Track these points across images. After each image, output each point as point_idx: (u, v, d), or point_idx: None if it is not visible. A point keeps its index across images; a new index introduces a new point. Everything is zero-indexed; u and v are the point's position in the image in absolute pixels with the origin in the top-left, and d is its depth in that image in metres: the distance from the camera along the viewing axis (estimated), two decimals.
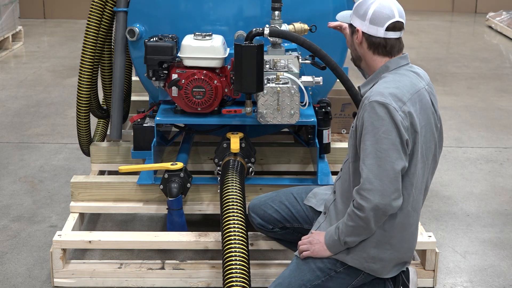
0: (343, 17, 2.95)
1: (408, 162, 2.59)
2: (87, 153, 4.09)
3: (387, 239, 2.67)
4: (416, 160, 2.61)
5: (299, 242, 2.81)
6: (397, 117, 2.53)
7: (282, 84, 3.18)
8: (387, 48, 2.70)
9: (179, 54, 3.38)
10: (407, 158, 2.57)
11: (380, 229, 2.65)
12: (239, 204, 2.98)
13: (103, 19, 3.82)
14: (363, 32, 2.70)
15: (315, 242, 2.75)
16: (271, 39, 3.29)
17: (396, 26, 2.69)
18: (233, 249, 2.72)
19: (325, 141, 3.72)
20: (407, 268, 2.86)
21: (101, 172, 4.08)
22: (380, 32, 2.67)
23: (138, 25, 3.65)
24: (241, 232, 2.82)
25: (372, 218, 2.56)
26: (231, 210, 2.93)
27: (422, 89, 2.66)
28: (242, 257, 2.69)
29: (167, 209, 3.39)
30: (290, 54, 3.32)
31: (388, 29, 2.67)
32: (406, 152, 2.56)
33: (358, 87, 2.83)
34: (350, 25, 2.78)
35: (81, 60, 3.80)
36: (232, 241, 2.76)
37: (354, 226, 2.61)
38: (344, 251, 2.71)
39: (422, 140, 2.62)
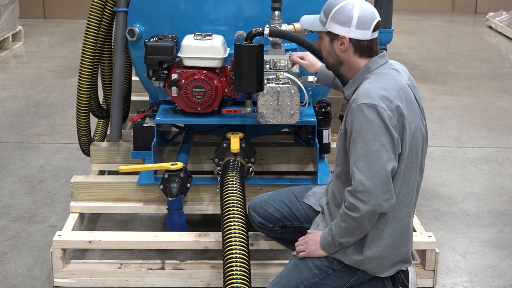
0: (313, 25, 2.81)
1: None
2: (87, 153, 4.09)
3: (378, 236, 2.69)
4: (404, 155, 2.63)
5: (296, 243, 2.83)
6: (385, 117, 2.53)
7: (282, 84, 3.18)
8: (374, 48, 2.72)
9: (179, 54, 3.38)
10: (396, 158, 2.59)
11: (372, 228, 2.67)
12: (239, 204, 2.98)
13: (103, 19, 3.82)
14: (350, 38, 2.68)
15: (311, 242, 2.77)
16: (271, 39, 3.30)
17: (378, 26, 2.71)
18: (233, 249, 2.72)
19: (325, 141, 3.72)
20: (407, 268, 2.86)
21: (101, 172, 4.08)
22: (367, 35, 2.68)
23: (138, 25, 3.65)
24: (242, 232, 2.82)
25: (365, 219, 2.58)
26: (231, 210, 2.93)
27: (405, 86, 2.67)
28: (243, 257, 2.69)
29: (167, 209, 3.39)
30: (290, 54, 3.33)
31: (374, 30, 2.69)
32: (396, 152, 2.58)
33: (342, 90, 2.84)
34: (328, 33, 2.73)
35: (81, 60, 3.80)
36: (233, 241, 2.76)
37: (347, 227, 2.63)
38: (341, 251, 2.72)
39: (411, 135, 2.64)
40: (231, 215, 2.90)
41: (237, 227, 2.83)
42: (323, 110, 3.68)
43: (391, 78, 2.66)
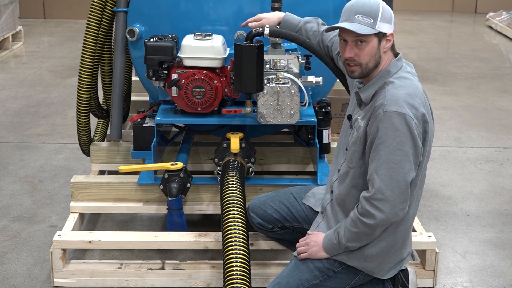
0: (363, 30, 2.60)
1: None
2: (87, 153, 4.09)
3: (383, 237, 2.69)
4: (423, 163, 2.64)
5: (297, 244, 2.83)
6: (413, 126, 2.52)
7: (282, 84, 3.18)
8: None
9: (179, 54, 3.38)
10: (417, 167, 2.59)
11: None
12: (239, 204, 2.98)
13: (103, 19, 3.82)
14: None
15: (312, 244, 2.76)
16: (271, 39, 3.29)
17: None
18: (233, 249, 2.72)
19: (325, 141, 3.72)
20: (407, 269, 2.86)
21: (101, 172, 4.08)
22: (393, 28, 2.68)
23: (138, 25, 3.65)
24: (242, 232, 2.82)
25: (379, 226, 2.60)
26: (231, 210, 2.93)
27: (422, 90, 2.65)
28: (243, 257, 2.69)
29: (167, 209, 3.39)
30: (290, 54, 3.33)
31: None
32: (417, 162, 2.58)
33: (357, 92, 2.77)
34: (376, 34, 2.61)
35: (81, 60, 3.80)
36: (233, 241, 2.76)
37: (357, 232, 2.63)
38: (343, 253, 2.72)
39: (429, 142, 2.64)
40: (231, 215, 2.90)
41: (237, 227, 2.83)
42: (323, 110, 3.68)
43: (413, 84, 2.63)
